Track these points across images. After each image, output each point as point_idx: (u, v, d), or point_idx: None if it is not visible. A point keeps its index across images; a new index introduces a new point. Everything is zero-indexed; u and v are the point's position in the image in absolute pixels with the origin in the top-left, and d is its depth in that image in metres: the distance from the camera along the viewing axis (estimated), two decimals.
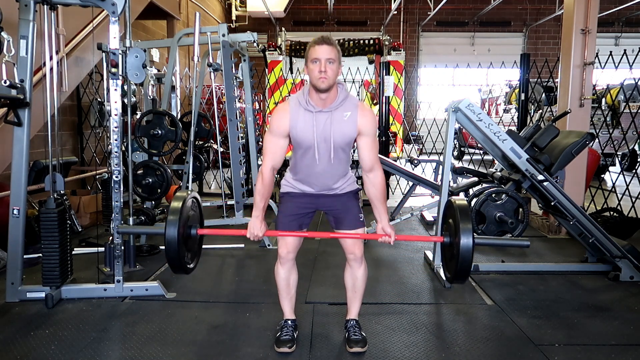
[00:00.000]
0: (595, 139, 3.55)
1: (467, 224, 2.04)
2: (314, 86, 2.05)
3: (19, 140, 2.81)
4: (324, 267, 3.59)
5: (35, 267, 3.46)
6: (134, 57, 2.84)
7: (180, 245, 2.08)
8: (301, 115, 2.11)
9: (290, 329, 2.35)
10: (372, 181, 2.20)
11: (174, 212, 2.08)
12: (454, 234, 2.12)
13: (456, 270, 2.08)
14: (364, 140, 2.15)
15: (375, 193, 2.20)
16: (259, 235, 2.15)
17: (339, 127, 2.11)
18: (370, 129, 2.14)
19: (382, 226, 2.18)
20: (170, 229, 2.04)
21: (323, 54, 2.00)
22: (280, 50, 7.52)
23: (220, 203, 4.85)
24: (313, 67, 2.02)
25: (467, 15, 15.36)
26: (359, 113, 2.12)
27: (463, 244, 2.01)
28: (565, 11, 4.55)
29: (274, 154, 2.17)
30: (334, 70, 2.02)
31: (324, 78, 2.00)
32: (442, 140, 4.23)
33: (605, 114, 7.95)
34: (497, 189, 3.29)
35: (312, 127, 2.10)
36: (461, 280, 2.15)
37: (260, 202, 2.16)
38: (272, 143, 2.17)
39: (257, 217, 2.15)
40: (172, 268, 2.16)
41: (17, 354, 2.26)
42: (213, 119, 4.70)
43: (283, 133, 2.15)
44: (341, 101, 2.11)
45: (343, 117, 2.11)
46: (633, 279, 3.30)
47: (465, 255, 2.01)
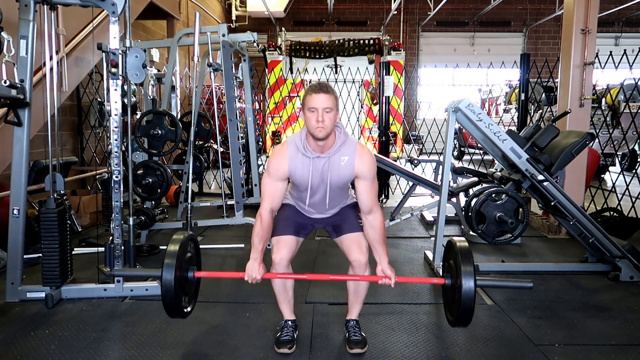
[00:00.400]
0: (595, 139, 3.55)
1: (468, 267, 2.03)
2: (311, 134, 2.05)
3: (19, 140, 2.81)
4: (324, 267, 3.59)
5: (35, 267, 3.46)
6: (134, 57, 2.84)
7: (177, 290, 2.07)
8: (299, 160, 2.12)
9: (290, 329, 2.35)
10: (371, 223, 2.19)
11: (171, 255, 2.07)
12: (455, 275, 2.11)
13: (458, 314, 2.07)
14: (361, 183, 2.15)
15: (374, 235, 2.19)
16: (258, 278, 2.13)
17: (336, 172, 2.12)
18: (368, 172, 2.13)
19: (382, 268, 2.17)
20: (167, 274, 2.03)
21: (320, 103, 1.98)
22: (280, 50, 7.52)
23: (220, 203, 4.85)
24: (310, 116, 2.00)
25: (467, 15, 15.36)
26: (357, 157, 2.11)
27: (465, 288, 1.99)
28: (565, 11, 4.56)
29: (273, 196, 2.18)
30: (332, 119, 2.00)
31: (321, 128, 1.99)
32: (442, 140, 4.23)
33: (605, 114, 7.95)
34: (497, 189, 3.28)
35: (309, 172, 2.12)
36: (463, 324, 2.13)
37: (258, 244, 2.15)
38: (270, 186, 2.17)
39: (255, 260, 2.14)
40: (169, 313, 2.14)
41: (17, 354, 2.26)
42: (213, 119, 4.70)
43: (281, 177, 2.16)
44: (339, 146, 2.11)
45: (340, 161, 2.11)
46: (633, 279, 3.30)
47: (467, 299, 2.00)
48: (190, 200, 4.25)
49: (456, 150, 12.35)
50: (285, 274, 2.23)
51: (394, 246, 4.24)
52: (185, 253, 2.18)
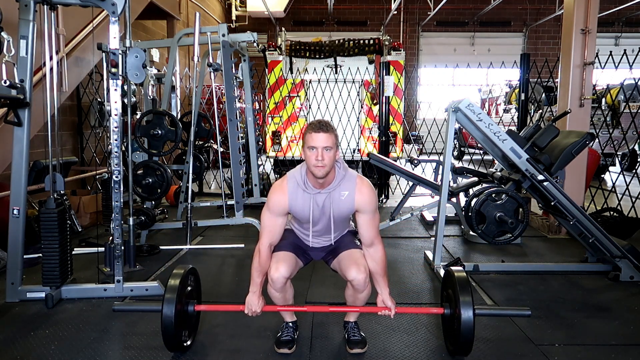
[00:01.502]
0: (595, 139, 3.55)
1: (466, 297, 2.06)
2: (311, 172, 2.05)
3: (19, 140, 2.81)
4: (324, 267, 3.56)
5: (35, 267, 3.46)
6: (134, 57, 2.84)
7: (177, 324, 2.09)
8: (299, 196, 2.12)
9: (290, 329, 2.35)
10: (373, 256, 2.19)
11: (171, 290, 2.10)
12: (453, 305, 2.14)
13: (458, 344, 2.10)
14: (362, 217, 2.15)
15: (375, 267, 2.18)
16: (257, 311, 2.15)
17: (337, 206, 2.14)
18: (369, 206, 2.13)
19: (383, 299, 2.17)
20: (167, 308, 2.06)
21: (320, 142, 1.98)
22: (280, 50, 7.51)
23: (220, 203, 4.85)
24: (310, 154, 2.01)
25: (467, 15, 15.36)
26: (357, 191, 2.12)
27: (464, 318, 2.02)
28: (565, 11, 4.55)
29: (272, 232, 2.18)
30: (331, 157, 2.01)
31: (320, 167, 2.00)
32: (442, 140, 4.23)
33: (605, 114, 7.95)
34: (497, 189, 3.28)
35: (310, 208, 2.13)
36: (464, 354, 2.15)
37: (257, 278, 2.16)
38: (270, 221, 2.18)
39: (254, 293, 2.15)
40: (168, 347, 2.16)
41: (17, 354, 2.26)
42: (213, 119, 4.70)
43: (281, 213, 2.17)
44: (339, 181, 2.12)
45: (341, 196, 2.12)
46: (633, 279, 3.30)
47: (466, 329, 2.03)
48: (190, 200, 4.26)
49: (456, 150, 12.35)
50: (285, 307, 2.25)
51: (394, 246, 4.24)
52: (185, 287, 2.21)
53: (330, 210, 2.14)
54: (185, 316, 2.21)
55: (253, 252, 2.23)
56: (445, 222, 3.60)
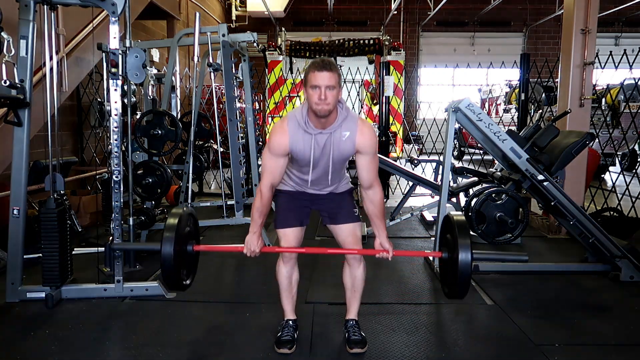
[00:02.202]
0: (595, 139, 3.55)
1: (465, 240, 2.04)
2: (313, 111, 2.03)
3: (19, 141, 2.81)
4: (324, 267, 3.59)
5: (35, 267, 3.45)
6: (134, 57, 2.84)
7: (176, 262, 2.08)
8: (300, 136, 2.10)
9: (290, 329, 2.35)
10: (371, 198, 2.20)
11: (170, 228, 2.09)
12: (452, 249, 2.12)
13: (455, 285, 2.09)
14: (362, 159, 2.15)
15: (373, 210, 2.20)
16: (256, 251, 2.14)
17: (337, 147, 2.12)
18: (369, 148, 2.13)
19: (381, 242, 2.18)
20: (166, 246, 2.05)
21: (323, 81, 1.95)
22: (280, 50, 7.52)
23: (220, 203, 4.85)
24: (312, 93, 1.98)
25: (467, 15, 15.35)
26: (358, 132, 2.11)
27: (461, 259, 2.01)
28: (565, 11, 4.55)
29: (273, 173, 2.18)
30: (334, 97, 1.98)
31: (324, 106, 1.97)
32: (442, 140, 4.23)
33: (605, 114, 7.94)
34: (497, 189, 3.29)
35: (310, 148, 2.11)
36: (459, 296, 2.15)
37: (258, 218, 2.16)
38: (271, 161, 2.17)
39: (254, 234, 2.15)
40: (168, 285, 2.18)
41: (17, 354, 2.26)
42: (213, 119, 4.70)
43: (282, 153, 2.15)
44: (341, 122, 2.10)
45: (342, 137, 2.10)
46: (633, 279, 3.29)
47: (463, 271, 2.02)
48: (190, 200, 4.25)
49: (456, 150, 12.35)
50: (283, 248, 2.24)
51: (394, 246, 4.22)
52: (184, 227, 2.19)
53: (330, 150, 2.12)
54: (184, 255, 2.19)
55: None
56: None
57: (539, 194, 3.30)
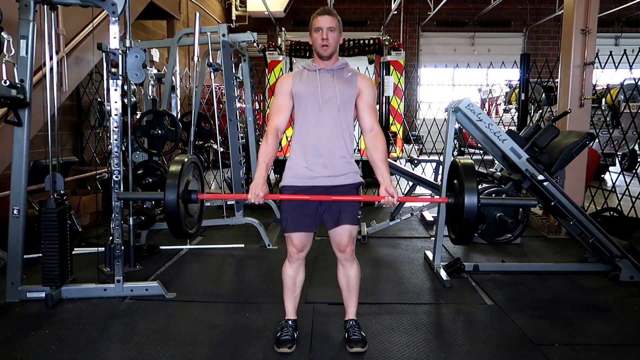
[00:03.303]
0: (595, 139, 3.55)
1: (471, 183, 2.04)
2: (317, 54, 2.21)
3: (19, 140, 2.81)
4: (324, 267, 3.59)
5: (35, 267, 3.45)
6: (134, 57, 2.84)
7: (179, 208, 2.07)
8: (305, 74, 2.25)
9: (290, 329, 2.35)
10: (373, 142, 2.23)
11: (173, 176, 2.07)
12: (458, 194, 2.11)
13: (461, 229, 2.08)
14: (363, 101, 2.24)
15: (377, 154, 2.21)
16: (261, 195, 2.10)
17: (341, 83, 2.22)
18: (369, 89, 2.25)
19: (385, 186, 2.14)
20: (170, 193, 2.03)
21: (325, 23, 2.15)
22: (280, 50, 7.51)
23: (220, 203, 4.85)
24: (316, 36, 2.17)
25: (467, 15, 15.36)
26: (359, 75, 2.27)
27: (468, 203, 2.01)
28: (565, 11, 4.56)
29: (279, 113, 2.24)
30: (335, 38, 2.18)
31: (326, 45, 2.16)
32: (442, 140, 4.23)
33: (605, 114, 7.95)
34: (497, 189, 3.29)
35: (316, 81, 2.21)
36: (466, 241, 2.17)
37: (262, 163, 2.18)
38: (276, 102, 2.27)
39: (260, 177, 2.15)
40: (173, 232, 2.16)
41: (17, 354, 2.26)
42: (213, 119, 4.70)
43: (287, 91, 2.24)
44: (342, 65, 2.27)
45: (345, 75, 2.24)
46: (633, 279, 3.30)
47: (470, 214, 2.01)
48: None
49: (456, 150, 12.35)
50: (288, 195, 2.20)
51: (393, 246, 4.24)
52: (187, 174, 2.19)
53: (335, 86, 2.19)
54: (188, 203, 2.18)
55: (253, 252, 2.24)
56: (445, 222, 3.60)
57: (539, 194, 3.30)
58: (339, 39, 2.21)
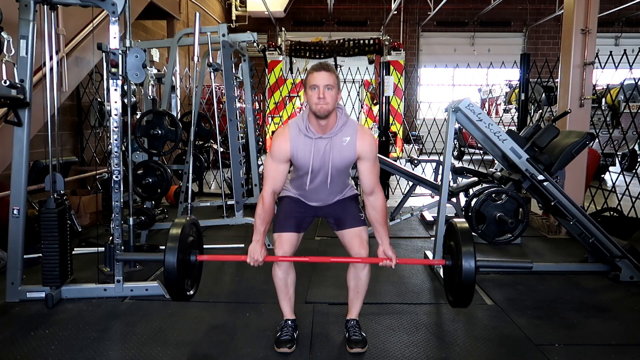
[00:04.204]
0: (595, 139, 3.55)
1: (469, 247, 2.03)
2: (313, 112, 2.06)
3: (19, 140, 2.81)
4: (324, 267, 3.59)
5: (35, 267, 3.45)
6: (134, 57, 2.84)
7: (179, 273, 2.08)
8: (301, 141, 2.13)
9: (290, 329, 2.35)
10: (373, 204, 2.21)
11: (173, 239, 2.09)
12: (455, 256, 2.11)
13: (458, 294, 2.09)
14: (364, 164, 2.17)
15: (376, 216, 2.20)
16: (259, 260, 2.14)
17: (338, 153, 2.14)
18: (370, 153, 2.16)
19: (384, 249, 2.18)
20: (170, 256, 2.05)
21: (321, 80, 2.00)
22: (280, 50, 7.52)
23: (220, 203, 4.85)
24: (312, 94, 2.02)
25: (467, 15, 15.36)
26: (359, 137, 2.13)
27: (465, 267, 2.00)
28: (565, 11, 4.55)
29: (275, 179, 2.19)
30: (333, 97, 2.02)
31: (322, 105, 2.01)
32: (442, 140, 4.23)
33: (605, 114, 7.95)
34: (497, 189, 3.29)
35: (311, 153, 2.12)
36: (464, 305, 2.15)
37: (260, 226, 2.17)
38: (273, 167, 2.19)
39: (257, 242, 2.16)
40: (172, 295, 2.17)
41: (17, 354, 2.26)
42: (213, 119, 4.70)
43: (284, 159, 2.17)
44: (341, 126, 2.13)
45: (342, 142, 2.12)
46: (633, 279, 3.29)
47: (467, 279, 2.01)
48: (190, 200, 4.25)
49: (456, 150, 12.35)
50: (287, 257, 2.23)
51: (394, 246, 4.19)
52: (187, 237, 2.20)
53: (330, 156, 2.13)
54: (187, 265, 2.20)
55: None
56: (446, 222, 3.60)
57: (539, 194, 3.30)
58: (337, 97, 2.05)
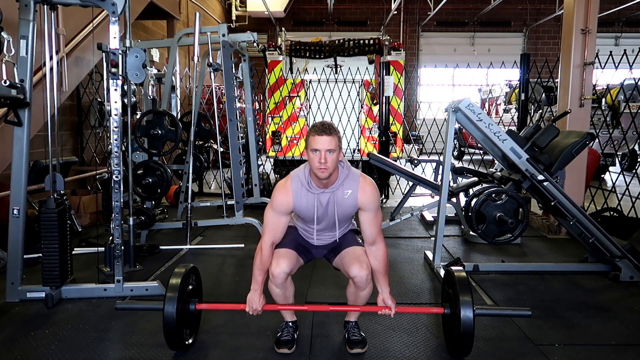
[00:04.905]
0: (595, 139, 3.55)
1: (466, 297, 2.07)
2: (314, 174, 2.07)
3: (19, 140, 2.81)
4: (324, 267, 3.57)
5: (35, 267, 3.45)
6: (134, 57, 2.84)
7: (178, 322, 2.11)
8: (303, 195, 2.14)
9: (290, 329, 2.35)
10: (374, 254, 2.20)
11: (173, 289, 2.12)
12: (454, 305, 2.15)
13: (458, 344, 2.11)
14: (365, 215, 2.17)
15: (377, 266, 2.19)
16: (258, 309, 2.16)
17: (340, 205, 2.16)
18: (371, 204, 2.15)
19: (384, 298, 2.18)
20: (169, 307, 2.08)
21: (323, 145, 2.00)
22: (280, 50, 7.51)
23: (220, 203, 4.85)
24: (313, 157, 2.03)
25: (467, 15, 15.36)
26: (360, 190, 2.14)
27: (464, 318, 2.03)
28: (565, 11, 4.55)
29: (275, 230, 2.19)
30: (334, 160, 2.03)
31: (324, 169, 2.02)
32: (442, 140, 4.23)
33: (605, 114, 7.94)
34: (497, 189, 3.28)
35: (313, 207, 2.15)
36: (464, 354, 2.16)
37: (259, 276, 2.17)
38: (273, 219, 2.18)
39: (255, 291, 2.16)
40: (170, 345, 2.18)
41: (17, 354, 2.26)
42: (213, 119, 4.70)
43: (285, 212, 2.18)
44: (342, 181, 2.14)
45: (344, 195, 2.14)
46: (633, 279, 3.30)
47: (466, 328, 2.04)
48: (190, 200, 4.25)
49: (456, 150, 12.35)
50: (286, 306, 2.26)
51: (394, 246, 4.24)
52: (187, 286, 2.23)
53: (334, 208, 2.15)
54: (186, 315, 2.22)
55: (253, 252, 2.23)
56: (445, 222, 3.60)
57: (539, 194, 3.30)
58: (338, 158, 2.06)
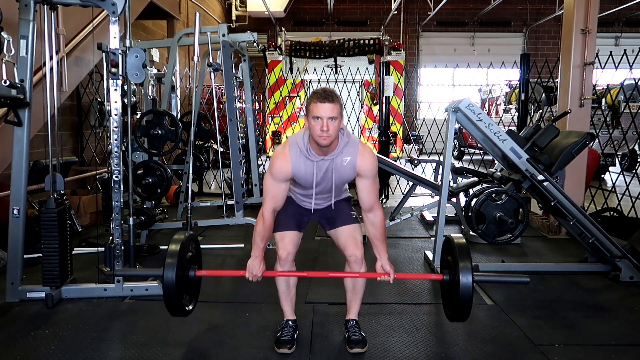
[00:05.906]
0: (595, 139, 3.55)
1: (466, 262, 2.07)
2: (315, 141, 2.06)
3: (19, 140, 2.81)
4: (324, 267, 3.59)
5: (35, 267, 3.45)
6: (134, 57, 2.84)
7: (178, 289, 2.10)
8: (302, 162, 2.14)
9: (290, 329, 2.35)
10: (372, 221, 2.21)
11: (172, 254, 2.11)
12: (453, 271, 2.14)
13: (456, 309, 2.11)
14: (362, 182, 2.18)
15: (374, 232, 2.21)
16: (258, 275, 2.16)
17: (339, 172, 2.16)
18: (369, 171, 2.16)
19: (382, 264, 2.19)
20: (168, 272, 2.07)
21: (325, 112, 1.97)
22: (280, 50, 7.52)
23: (220, 203, 4.85)
24: (314, 124, 2.00)
25: (467, 15, 15.36)
26: (359, 157, 2.14)
27: (463, 283, 2.03)
28: (565, 11, 4.55)
29: (275, 197, 2.20)
30: (336, 127, 2.02)
31: (325, 136, 2.00)
32: (442, 140, 4.23)
33: (605, 114, 7.94)
34: (497, 189, 3.28)
35: (313, 174, 2.15)
36: (461, 319, 2.16)
37: (260, 242, 2.18)
38: (273, 186, 2.19)
39: (256, 257, 2.17)
40: (170, 311, 2.18)
41: (17, 354, 2.26)
42: (213, 119, 4.70)
43: (284, 178, 2.18)
44: (342, 148, 2.13)
45: (343, 162, 2.14)
46: (633, 279, 3.30)
47: (465, 294, 2.04)
48: (190, 200, 4.25)
49: (456, 150, 12.34)
50: (285, 272, 2.25)
51: (394, 246, 4.24)
52: (186, 252, 2.21)
53: (332, 174, 2.17)
54: (186, 281, 2.20)
55: None
56: (445, 222, 3.60)
57: (539, 194, 3.30)
58: (340, 125, 2.04)
